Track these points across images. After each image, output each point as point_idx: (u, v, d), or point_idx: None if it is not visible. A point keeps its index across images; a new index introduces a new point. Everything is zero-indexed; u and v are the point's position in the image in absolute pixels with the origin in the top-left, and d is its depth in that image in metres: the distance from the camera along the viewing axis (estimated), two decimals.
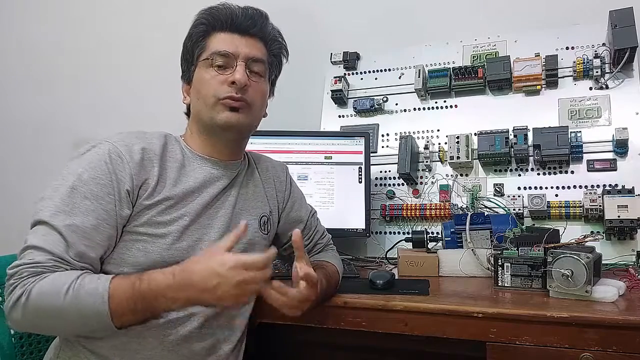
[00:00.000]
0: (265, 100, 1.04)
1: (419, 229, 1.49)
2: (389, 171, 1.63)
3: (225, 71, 0.95)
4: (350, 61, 1.75)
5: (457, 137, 1.52)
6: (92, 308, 0.78)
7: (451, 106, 1.63)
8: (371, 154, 1.58)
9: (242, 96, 0.95)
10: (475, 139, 1.53)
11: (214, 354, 0.96)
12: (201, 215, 0.95)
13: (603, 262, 1.11)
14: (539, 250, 1.05)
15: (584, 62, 1.47)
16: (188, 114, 1.04)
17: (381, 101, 1.67)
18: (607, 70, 1.46)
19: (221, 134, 0.98)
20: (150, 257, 0.88)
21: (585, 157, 1.42)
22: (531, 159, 1.47)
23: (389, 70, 1.73)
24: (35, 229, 0.82)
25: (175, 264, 0.89)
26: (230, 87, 0.94)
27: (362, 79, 1.76)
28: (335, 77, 1.71)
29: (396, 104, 1.69)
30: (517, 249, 1.07)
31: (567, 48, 1.53)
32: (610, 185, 1.38)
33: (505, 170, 1.51)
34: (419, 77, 1.61)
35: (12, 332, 1.06)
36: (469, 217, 1.26)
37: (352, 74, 1.77)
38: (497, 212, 1.41)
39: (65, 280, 0.78)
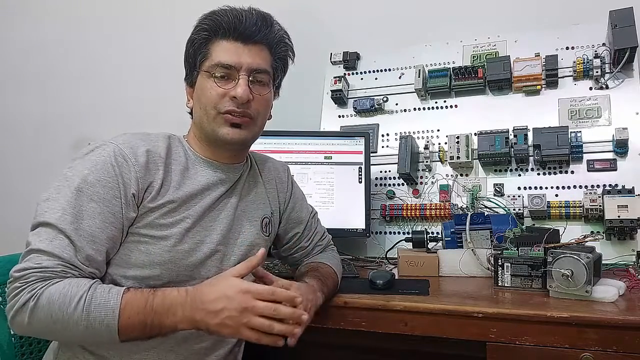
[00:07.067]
0: (269, 109, 1.02)
1: (419, 229, 1.49)
2: (389, 171, 1.63)
3: (227, 83, 0.93)
4: (350, 61, 1.75)
5: (457, 137, 1.53)
6: (102, 322, 0.77)
7: (451, 106, 1.63)
8: (371, 154, 1.58)
9: (244, 110, 0.93)
10: (475, 139, 1.53)
11: (213, 354, 0.96)
12: (203, 218, 0.94)
13: (603, 262, 1.11)
14: (539, 250, 1.05)
15: (584, 62, 1.47)
16: (191, 114, 1.03)
17: (381, 101, 1.67)
18: (607, 70, 1.46)
19: (222, 146, 0.97)
20: (152, 258, 0.88)
21: (585, 157, 1.42)
22: (531, 159, 1.47)
23: (389, 70, 1.73)
24: (38, 230, 0.81)
25: (175, 265, 0.89)
26: (231, 100, 0.92)
27: (362, 79, 1.76)
28: (335, 77, 1.71)
29: (396, 104, 1.69)
30: (517, 249, 1.07)
31: (567, 48, 1.53)
32: (610, 185, 1.38)
33: (505, 170, 1.51)
34: (419, 77, 1.61)
35: (12, 332, 1.06)
36: (469, 217, 1.26)
37: (352, 74, 1.77)
38: (497, 212, 1.41)
39: (77, 290, 0.77)
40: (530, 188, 1.47)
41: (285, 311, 0.81)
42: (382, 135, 1.68)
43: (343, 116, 1.74)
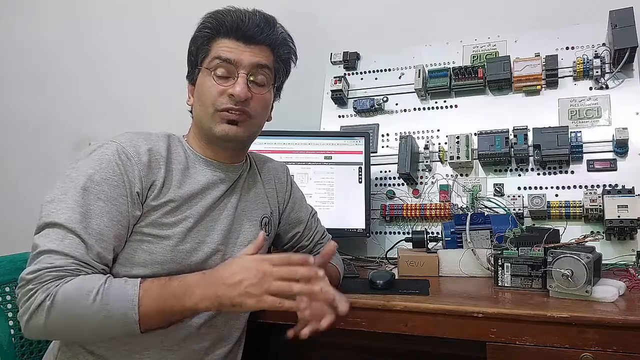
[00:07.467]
0: (268, 109, 1.02)
1: (419, 229, 1.49)
2: (389, 171, 1.63)
3: (226, 81, 0.93)
4: (350, 61, 1.75)
5: (457, 137, 1.53)
6: (121, 312, 0.77)
7: (451, 106, 1.63)
8: (371, 154, 1.58)
9: (242, 107, 0.93)
10: (475, 139, 1.53)
11: (212, 354, 0.96)
12: (204, 218, 0.95)
13: (603, 262, 1.11)
14: (539, 250, 1.05)
15: (584, 62, 1.47)
16: (192, 112, 1.03)
17: (381, 101, 1.67)
18: (607, 70, 1.46)
19: (220, 144, 0.97)
20: (154, 257, 0.88)
21: (585, 157, 1.42)
22: (531, 159, 1.47)
23: (389, 70, 1.73)
24: (46, 232, 0.80)
25: (177, 265, 0.89)
26: (229, 98, 0.92)
27: (362, 79, 1.76)
28: (335, 77, 1.71)
29: (396, 104, 1.69)
30: (517, 249, 1.07)
31: (567, 48, 1.53)
32: (610, 185, 1.38)
33: (505, 170, 1.51)
34: (419, 77, 1.61)
35: (12, 332, 1.06)
36: (469, 217, 1.26)
37: (352, 74, 1.77)
38: (497, 212, 1.41)
39: (92, 284, 0.77)
40: (530, 188, 1.47)
41: (302, 270, 0.81)
42: (382, 135, 1.68)
43: (343, 116, 1.74)
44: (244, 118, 0.94)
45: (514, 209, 1.42)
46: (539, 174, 1.48)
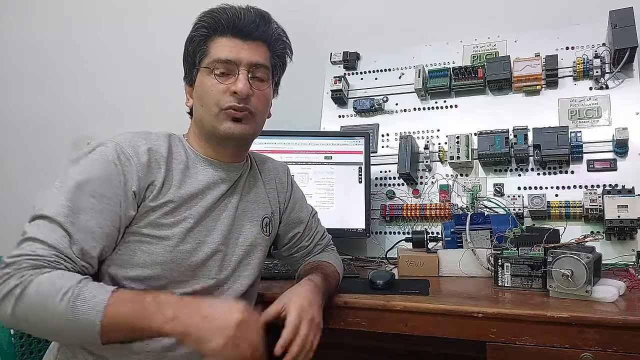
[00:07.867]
0: (269, 105, 1.02)
1: (419, 229, 1.49)
2: (389, 171, 1.63)
3: (228, 79, 0.93)
4: (350, 61, 1.75)
5: (457, 137, 1.53)
6: (84, 317, 0.73)
7: (451, 106, 1.63)
8: (371, 154, 1.58)
9: (245, 105, 0.93)
10: (475, 139, 1.53)
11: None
12: (204, 218, 0.94)
13: (603, 262, 1.11)
14: (539, 250, 1.05)
15: (584, 62, 1.47)
16: (191, 113, 1.03)
17: (381, 101, 1.67)
18: (607, 70, 1.46)
19: (224, 143, 0.97)
20: (154, 258, 0.88)
21: (585, 157, 1.42)
22: (531, 159, 1.47)
23: (389, 70, 1.73)
24: (36, 222, 0.80)
25: (178, 265, 0.89)
26: (232, 96, 0.92)
27: (362, 79, 1.76)
28: (335, 77, 1.71)
29: (396, 104, 1.69)
30: (517, 249, 1.07)
31: (567, 48, 1.53)
32: (610, 185, 1.38)
33: (505, 170, 1.51)
34: (419, 77, 1.61)
35: (12, 332, 1.06)
36: (469, 217, 1.26)
37: (352, 74, 1.77)
38: (497, 212, 1.41)
39: (66, 282, 0.75)
40: (530, 188, 1.47)
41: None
42: (382, 135, 1.68)
43: (343, 116, 1.74)
44: (247, 116, 0.95)
45: (514, 209, 1.42)
46: (539, 174, 1.48)
